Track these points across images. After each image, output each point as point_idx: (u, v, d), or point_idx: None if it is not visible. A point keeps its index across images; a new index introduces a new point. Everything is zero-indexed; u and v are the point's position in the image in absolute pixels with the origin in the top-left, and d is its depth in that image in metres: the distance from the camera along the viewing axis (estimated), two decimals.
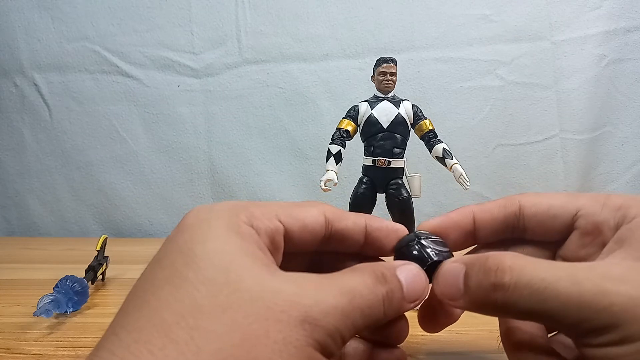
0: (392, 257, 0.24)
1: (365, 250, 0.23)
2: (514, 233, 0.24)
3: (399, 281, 0.19)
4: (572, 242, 0.23)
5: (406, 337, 0.21)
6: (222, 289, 0.15)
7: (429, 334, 0.42)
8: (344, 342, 0.17)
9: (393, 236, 0.23)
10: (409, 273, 0.20)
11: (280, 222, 0.20)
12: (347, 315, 0.17)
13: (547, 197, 0.23)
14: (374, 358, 0.22)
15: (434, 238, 0.23)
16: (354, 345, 0.22)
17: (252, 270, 0.16)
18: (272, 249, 0.19)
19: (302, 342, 0.15)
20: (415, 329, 0.46)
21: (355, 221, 0.22)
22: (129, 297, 0.16)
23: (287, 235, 0.20)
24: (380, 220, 0.23)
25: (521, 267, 0.19)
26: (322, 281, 0.18)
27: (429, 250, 0.22)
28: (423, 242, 0.22)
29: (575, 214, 0.22)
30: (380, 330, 0.21)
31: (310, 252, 0.22)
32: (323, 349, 0.16)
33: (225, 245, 0.17)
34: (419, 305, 0.23)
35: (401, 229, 0.23)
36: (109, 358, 0.14)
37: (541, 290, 0.18)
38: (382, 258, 0.25)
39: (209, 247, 0.16)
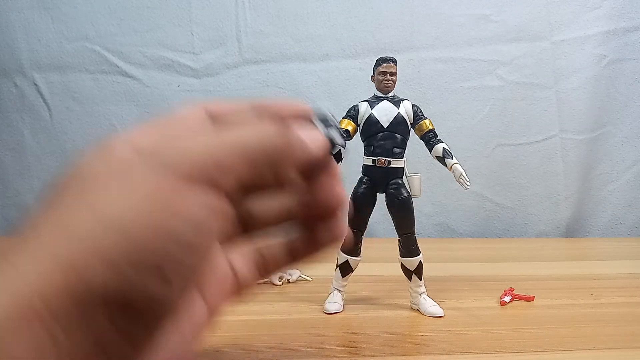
0: None
1: None
2: None
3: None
4: None
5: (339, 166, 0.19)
6: (112, 163, 0.15)
7: (428, 334, 0.42)
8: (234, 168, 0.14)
9: None
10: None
11: None
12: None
13: None
14: (315, 239, 0.19)
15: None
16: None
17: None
18: None
19: (173, 184, 0.14)
20: (415, 329, 0.46)
21: None
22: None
23: None
24: None
25: None
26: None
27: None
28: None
29: None
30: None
31: None
32: (210, 180, 0.14)
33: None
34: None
35: None
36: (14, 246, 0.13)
37: None
38: None
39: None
